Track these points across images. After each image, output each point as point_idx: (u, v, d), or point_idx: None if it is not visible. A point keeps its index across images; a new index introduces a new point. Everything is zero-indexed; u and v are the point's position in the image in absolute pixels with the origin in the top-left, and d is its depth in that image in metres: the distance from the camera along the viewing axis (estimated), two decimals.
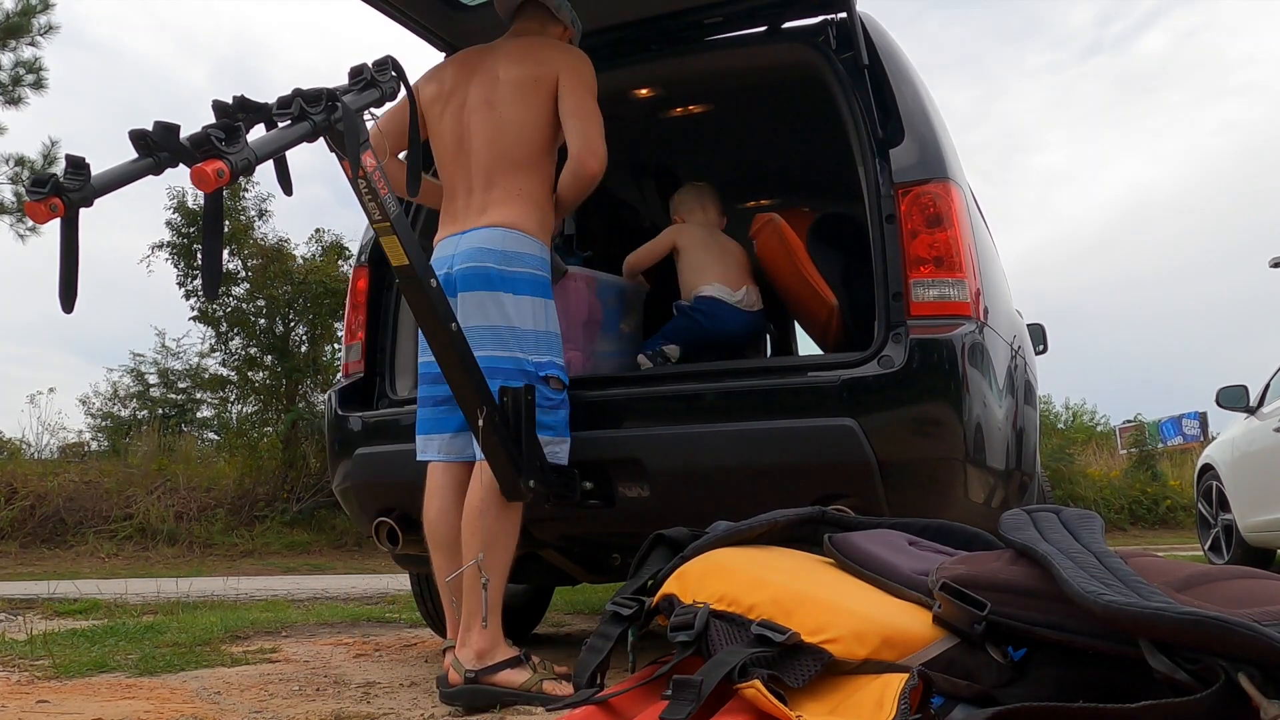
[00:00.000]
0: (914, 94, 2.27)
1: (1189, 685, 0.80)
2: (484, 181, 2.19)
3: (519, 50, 2.25)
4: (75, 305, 1.31)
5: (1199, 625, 0.80)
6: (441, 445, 2.19)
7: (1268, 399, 5.63)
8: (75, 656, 2.63)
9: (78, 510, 8.24)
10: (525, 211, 2.16)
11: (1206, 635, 0.80)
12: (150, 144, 1.37)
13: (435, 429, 2.20)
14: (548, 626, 3.63)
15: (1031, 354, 2.89)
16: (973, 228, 2.18)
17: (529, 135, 2.18)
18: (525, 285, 2.12)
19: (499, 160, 2.18)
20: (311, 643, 3.13)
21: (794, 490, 2.00)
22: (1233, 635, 0.78)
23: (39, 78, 8.58)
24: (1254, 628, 0.78)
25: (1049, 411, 16.09)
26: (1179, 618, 0.81)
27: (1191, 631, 0.80)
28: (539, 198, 2.19)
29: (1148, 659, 0.83)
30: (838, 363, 2.09)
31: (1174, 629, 0.81)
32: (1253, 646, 0.78)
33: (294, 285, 9.16)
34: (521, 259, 2.12)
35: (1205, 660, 0.80)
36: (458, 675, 1.99)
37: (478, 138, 2.21)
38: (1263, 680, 0.77)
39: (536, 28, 2.34)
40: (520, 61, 2.22)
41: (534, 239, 2.16)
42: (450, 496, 2.14)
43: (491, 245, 2.11)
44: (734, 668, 0.99)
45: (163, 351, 10.99)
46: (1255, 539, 5.48)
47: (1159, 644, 0.83)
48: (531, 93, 2.18)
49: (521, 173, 2.18)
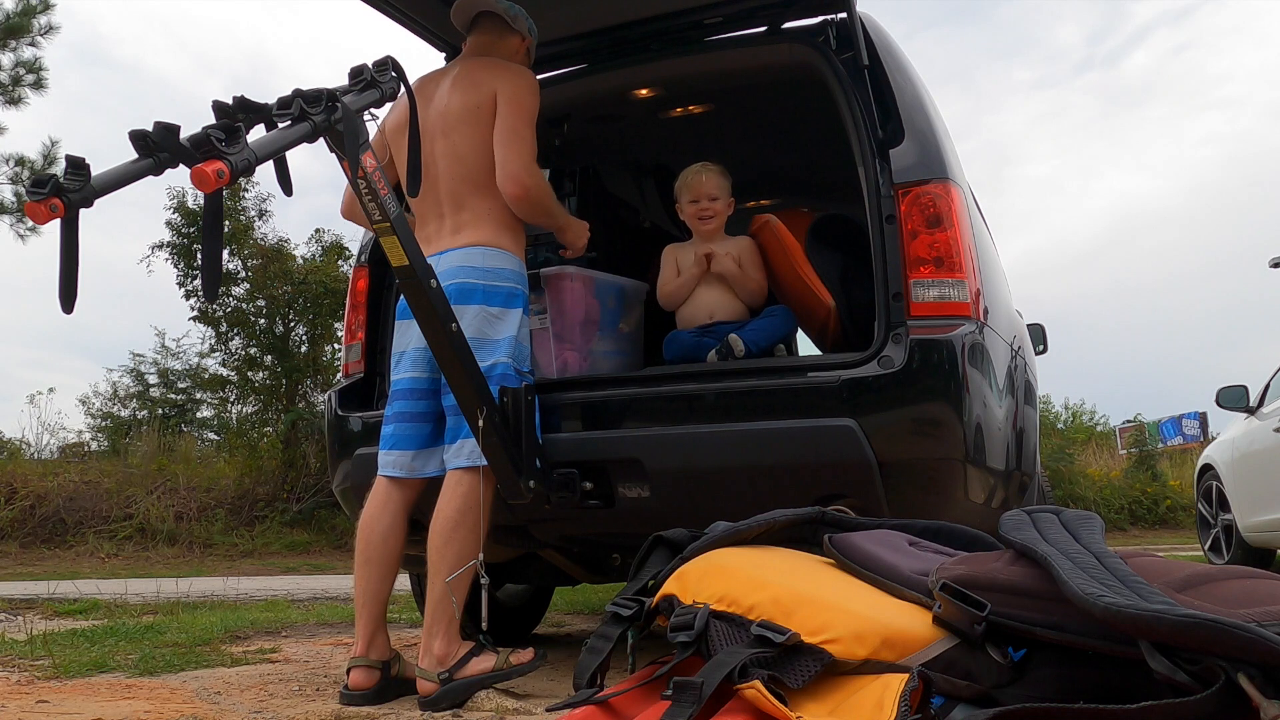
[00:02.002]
0: (914, 94, 2.27)
1: (1189, 686, 0.80)
2: (453, 205, 2.24)
3: (464, 77, 2.29)
4: (75, 306, 1.31)
5: (1198, 627, 0.80)
6: (402, 462, 2.21)
7: (1267, 399, 5.63)
8: (75, 656, 2.63)
9: (78, 510, 8.23)
10: (497, 230, 2.22)
11: (1205, 637, 0.80)
12: (150, 144, 1.37)
13: (398, 445, 2.22)
14: (548, 626, 3.63)
15: (1031, 354, 2.89)
16: (973, 228, 2.18)
17: (486, 161, 2.22)
18: (501, 298, 2.17)
19: (464, 185, 2.23)
20: (311, 643, 3.13)
21: (794, 490, 2.00)
22: (1231, 637, 0.78)
23: (39, 78, 8.58)
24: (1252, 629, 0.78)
25: (1049, 412, 16.08)
26: (1178, 620, 0.81)
27: (1190, 633, 0.80)
28: (507, 217, 2.24)
29: (1148, 660, 0.83)
30: (838, 363, 2.09)
31: (1173, 631, 0.81)
32: (1251, 648, 0.78)
33: (294, 285, 9.16)
34: (501, 274, 2.18)
35: (1205, 661, 0.80)
36: (430, 684, 2.02)
37: (440, 164, 2.25)
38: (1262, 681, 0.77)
39: (492, 40, 2.39)
40: (465, 89, 2.26)
41: (511, 254, 2.23)
42: (399, 517, 2.19)
43: (472, 262, 2.16)
44: (734, 668, 0.99)
45: (163, 352, 11.00)
46: (1255, 539, 5.48)
47: (1159, 645, 0.83)
48: (478, 120, 2.23)
49: (487, 195, 2.23)
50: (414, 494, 2.21)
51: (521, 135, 2.22)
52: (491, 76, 2.26)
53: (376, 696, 2.08)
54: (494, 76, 2.26)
